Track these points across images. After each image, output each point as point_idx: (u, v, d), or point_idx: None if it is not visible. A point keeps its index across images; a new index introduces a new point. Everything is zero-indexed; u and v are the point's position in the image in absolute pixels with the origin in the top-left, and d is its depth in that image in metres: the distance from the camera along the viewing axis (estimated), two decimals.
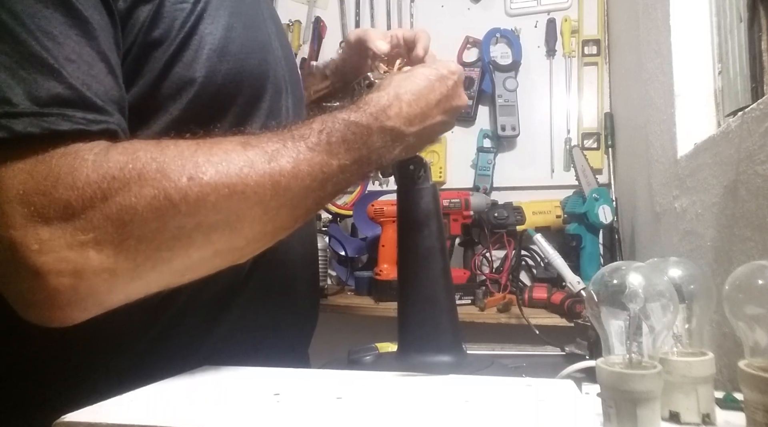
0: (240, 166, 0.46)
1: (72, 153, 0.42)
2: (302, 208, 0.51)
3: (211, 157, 0.45)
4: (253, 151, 0.47)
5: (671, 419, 0.39)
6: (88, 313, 0.44)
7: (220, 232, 0.46)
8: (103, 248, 0.42)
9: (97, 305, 0.44)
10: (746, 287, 0.36)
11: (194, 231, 0.44)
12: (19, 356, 0.54)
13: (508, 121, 1.67)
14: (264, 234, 0.49)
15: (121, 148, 0.44)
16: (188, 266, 0.46)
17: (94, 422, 0.38)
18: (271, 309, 0.66)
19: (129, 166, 0.43)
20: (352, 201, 1.79)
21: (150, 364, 0.55)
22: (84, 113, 0.44)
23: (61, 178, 0.41)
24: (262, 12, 0.69)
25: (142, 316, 0.55)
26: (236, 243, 0.48)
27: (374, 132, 0.53)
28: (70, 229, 0.41)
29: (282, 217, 0.49)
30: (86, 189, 0.41)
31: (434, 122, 0.59)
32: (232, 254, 0.49)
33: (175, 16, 0.53)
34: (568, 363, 0.58)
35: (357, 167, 0.53)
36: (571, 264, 1.21)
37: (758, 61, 0.71)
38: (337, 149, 0.51)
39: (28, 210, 0.40)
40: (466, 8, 1.79)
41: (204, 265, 0.48)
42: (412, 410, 0.40)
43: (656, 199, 1.02)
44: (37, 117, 0.41)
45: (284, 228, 0.52)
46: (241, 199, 0.45)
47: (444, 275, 0.61)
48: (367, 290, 1.48)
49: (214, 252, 0.47)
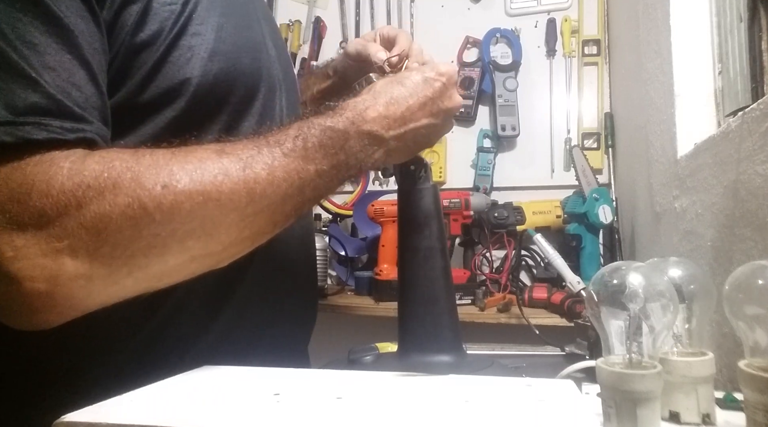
0: (214, 173, 0.46)
1: (47, 161, 0.42)
2: (281, 214, 0.51)
3: (186, 166, 0.46)
4: (228, 158, 0.48)
5: (671, 419, 0.39)
6: (64, 317, 0.45)
7: (196, 239, 0.46)
8: (78, 255, 0.42)
9: (73, 310, 0.44)
10: (746, 287, 0.36)
11: (169, 238, 0.45)
12: (19, 356, 0.54)
13: (508, 121, 1.67)
14: (241, 240, 0.50)
15: (98, 156, 0.45)
16: (164, 271, 0.47)
17: (94, 422, 0.38)
18: (268, 306, 0.66)
19: (104, 175, 0.43)
20: (352, 201, 1.79)
21: (147, 362, 0.55)
22: (61, 122, 0.44)
23: (36, 186, 0.41)
24: (255, 12, 0.69)
25: (137, 313, 0.55)
26: (212, 248, 0.48)
27: (351, 136, 0.53)
28: (45, 236, 0.41)
29: (259, 223, 0.49)
30: (61, 197, 0.42)
31: (418, 125, 0.58)
32: (209, 259, 0.49)
33: (164, 17, 0.53)
34: (568, 363, 0.58)
35: (336, 172, 0.53)
36: (571, 264, 1.21)
37: (758, 61, 0.71)
38: (313, 154, 0.51)
39: (3, 217, 0.41)
40: (466, 8, 1.79)
41: (181, 270, 0.48)
42: (412, 410, 0.40)
43: (656, 199, 1.02)
44: (13, 126, 0.42)
45: (263, 233, 0.52)
46: (216, 207, 0.46)
47: (444, 275, 0.61)
48: (367, 290, 1.48)
49: (191, 258, 0.47)
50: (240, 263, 0.62)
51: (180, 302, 0.57)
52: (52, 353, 0.54)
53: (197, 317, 0.59)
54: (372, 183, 1.75)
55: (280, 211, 0.50)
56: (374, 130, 0.55)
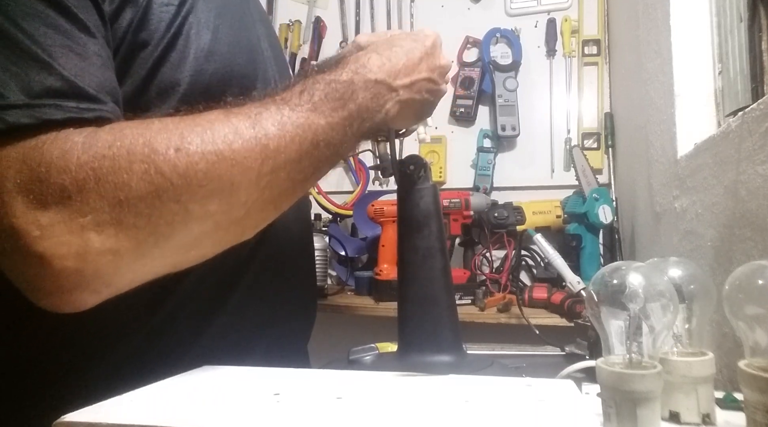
0: (225, 133, 0.46)
1: (62, 138, 0.43)
2: (299, 172, 0.50)
3: (195, 128, 0.46)
4: (236, 118, 0.48)
5: (671, 419, 0.39)
6: (99, 295, 0.44)
7: (217, 201, 0.45)
8: (103, 229, 0.42)
9: (106, 287, 0.44)
10: (746, 287, 0.36)
11: (190, 202, 0.44)
12: (19, 356, 0.54)
13: (508, 121, 1.67)
14: (263, 202, 0.49)
15: (108, 128, 0.45)
16: (190, 241, 0.46)
17: (94, 422, 0.38)
18: (267, 306, 0.66)
19: (117, 143, 0.43)
20: (352, 201, 1.80)
21: (147, 362, 0.55)
22: (77, 103, 0.44)
23: (54, 163, 0.42)
24: (251, 13, 0.69)
25: (136, 313, 0.55)
26: (235, 213, 0.47)
27: (358, 86, 0.53)
28: (69, 212, 0.41)
29: (279, 182, 0.49)
30: (79, 171, 0.42)
31: (421, 78, 0.59)
32: (234, 227, 0.49)
33: (161, 18, 0.54)
34: (568, 363, 0.58)
35: (348, 125, 0.52)
36: (571, 264, 1.21)
37: (758, 61, 0.71)
38: (322, 107, 0.50)
39: (27, 198, 0.41)
40: (466, 8, 1.79)
41: (208, 240, 0.48)
42: (412, 410, 0.40)
43: (656, 199, 1.02)
44: (30, 108, 0.42)
45: (283, 195, 0.51)
46: (231, 165, 0.45)
47: (444, 274, 0.61)
48: (367, 290, 1.48)
49: (215, 224, 0.47)
50: (239, 262, 0.62)
51: (180, 302, 0.57)
52: (51, 354, 0.54)
53: (197, 317, 0.59)
54: (372, 183, 1.75)
55: (297, 169, 0.50)
56: (380, 79, 0.55)
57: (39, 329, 0.54)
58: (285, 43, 1.93)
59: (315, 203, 1.81)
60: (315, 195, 1.83)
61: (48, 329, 0.54)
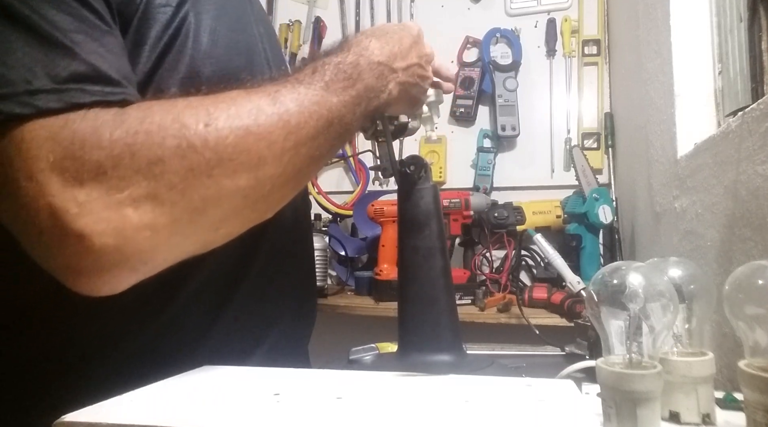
0: (248, 108, 0.47)
1: (92, 116, 0.43)
2: (316, 149, 0.51)
3: (219, 105, 0.47)
4: (257, 95, 0.49)
5: (671, 419, 0.39)
6: (136, 274, 0.44)
7: (246, 175, 0.46)
8: (140, 205, 0.42)
9: (143, 264, 0.44)
10: (746, 287, 0.36)
11: (221, 177, 0.45)
12: (19, 356, 0.54)
13: (508, 121, 1.67)
14: (285, 178, 0.50)
15: (136, 106, 0.45)
16: (221, 218, 0.47)
17: (94, 422, 0.38)
18: (268, 306, 0.66)
19: (148, 120, 0.44)
20: (352, 201, 1.80)
21: (148, 363, 0.55)
22: (102, 87, 0.45)
23: (87, 140, 0.42)
24: (250, 14, 0.69)
25: (139, 315, 0.55)
26: (261, 188, 0.48)
27: (363, 67, 0.55)
28: (105, 188, 0.41)
29: (299, 158, 0.50)
30: (113, 147, 0.42)
31: (413, 62, 0.62)
32: (260, 204, 0.50)
33: (158, 19, 0.54)
34: (568, 363, 0.58)
35: (357, 104, 0.54)
36: (571, 264, 1.21)
37: (758, 61, 0.71)
38: (333, 86, 0.52)
39: (63, 176, 0.41)
40: (466, 8, 1.79)
41: (236, 217, 0.48)
42: (412, 410, 0.40)
43: (656, 199, 1.02)
44: (58, 93, 0.42)
45: (303, 171, 0.52)
46: (257, 139, 0.46)
47: (444, 275, 0.61)
48: (367, 290, 1.48)
49: (243, 200, 0.47)
50: (240, 264, 0.62)
51: (182, 305, 0.57)
52: (52, 355, 0.54)
53: (199, 320, 0.59)
54: (372, 183, 1.75)
55: (315, 146, 0.51)
56: (383, 60, 0.58)
57: (40, 329, 0.54)
58: (285, 43, 1.93)
59: (315, 203, 1.81)
60: (315, 195, 1.83)
61: (48, 330, 0.54)
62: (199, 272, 0.57)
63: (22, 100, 0.41)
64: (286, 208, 0.68)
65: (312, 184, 1.86)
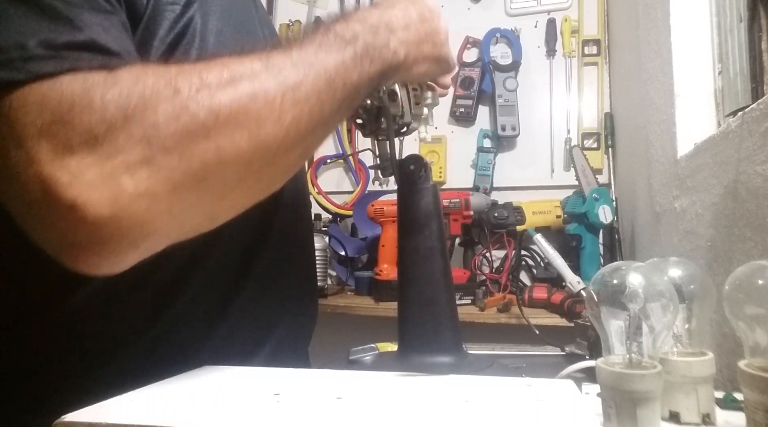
0: (241, 71, 0.45)
1: (80, 77, 0.41)
2: (319, 110, 0.49)
3: (212, 69, 0.45)
4: (248, 59, 0.47)
5: (671, 419, 0.39)
6: (137, 249, 0.42)
7: (245, 137, 0.44)
8: (135, 171, 0.40)
9: (144, 238, 0.42)
10: (746, 287, 0.36)
11: (219, 138, 0.43)
12: (19, 356, 0.54)
13: (508, 121, 1.67)
14: (290, 143, 0.47)
15: (126, 68, 0.43)
16: (224, 184, 0.45)
17: (94, 422, 0.38)
18: (269, 308, 0.66)
19: (141, 82, 0.41)
20: (352, 201, 1.80)
21: (150, 365, 0.55)
22: (102, 56, 0.43)
23: (77, 102, 0.39)
24: (254, 17, 0.69)
25: (140, 318, 0.55)
26: (264, 153, 0.46)
27: (358, 30, 0.53)
28: (97, 155, 0.39)
29: (302, 120, 0.47)
30: (105, 110, 0.40)
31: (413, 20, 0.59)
32: (264, 172, 0.47)
33: (165, 16, 0.53)
34: (568, 363, 0.58)
35: (360, 62, 0.52)
36: (571, 264, 1.21)
37: (758, 61, 0.71)
38: (327, 47, 0.50)
39: (52, 143, 0.39)
40: (466, 8, 1.79)
41: (240, 187, 0.46)
42: (412, 410, 0.40)
43: (656, 199, 1.02)
44: (53, 59, 0.40)
45: (309, 136, 0.49)
46: (253, 99, 0.45)
47: (444, 275, 0.61)
48: (367, 290, 1.48)
49: (246, 166, 0.45)
50: (241, 265, 0.62)
51: (183, 307, 0.57)
52: (53, 355, 0.54)
53: (200, 322, 0.59)
54: (372, 183, 1.75)
55: (318, 105, 0.48)
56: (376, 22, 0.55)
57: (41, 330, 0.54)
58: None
59: (315, 203, 1.81)
60: (315, 195, 1.83)
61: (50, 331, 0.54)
62: (200, 274, 0.57)
63: (15, 65, 0.39)
64: (286, 210, 0.68)
65: (312, 184, 1.86)
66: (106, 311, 0.52)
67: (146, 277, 0.53)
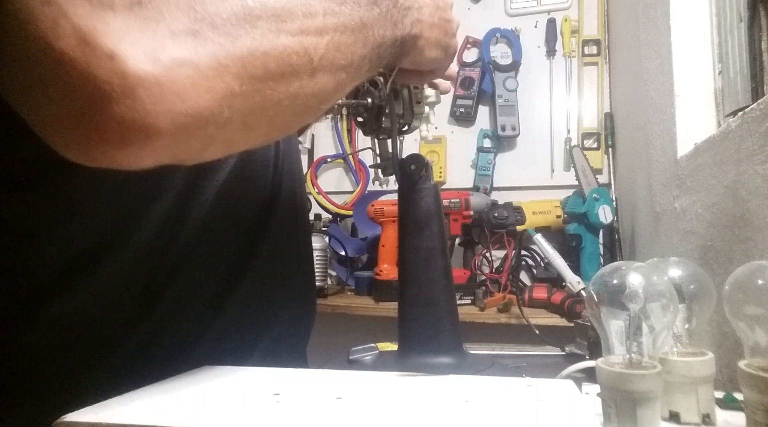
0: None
1: None
2: (353, 45, 0.47)
3: None
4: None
5: (671, 419, 0.39)
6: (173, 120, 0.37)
7: (291, 38, 0.42)
8: (180, 38, 0.37)
9: (181, 104, 0.37)
10: (746, 287, 0.36)
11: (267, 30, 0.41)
12: (19, 356, 0.54)
13: (508, 121, 1.67)
14: (328, 61, 0.45)
15: None
16: (270, 79, 0.41)
17: (94, 422, 0.38)
18: (266, 307, 0.66)
19: None
20: (352, 201, 1.80)
21: (146, 363, 0.55)
22: None
23: None
24: None
25: (134, 311, 0.55)
26: (305, 64, 0.43)
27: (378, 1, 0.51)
28: (141, 18, 0.36)
29: (341, 45, 0.46)
30: None
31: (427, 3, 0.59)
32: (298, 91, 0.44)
33: None
34: (568, 363, 0.58)
35: (384, 22, 0.51)
36: (571, 264, 1.21)
37: (758, 61, 0.71)
38: (352, 4, 0.48)
39: (90, 2, 0.35)
40: (466, 8, 1.79)
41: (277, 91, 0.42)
42: (412, 410, 0.40)
43: (656, 200, 1.02)
44: None
45: (342, 72, 0.47)
46: (301, 3, 0.43)
47: (445, 275, 0.61)
48: (367, 290, 1.48)
49: (291, 67, 0.42)
50: (238, 264, 0.62)
51: (177, 304, 0.57)
52: (53, 355, 0.54)
53: (195, 321, 0.59)
54: (372, 183, 1.75)
55: (352, 41, 0.47)
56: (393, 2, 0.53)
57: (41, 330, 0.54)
58: None
59: (315, 203, 1.81)
60: (315, 195, 1.83)
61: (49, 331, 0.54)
62: (192, 273, 0.57)
63: None
64: (284, 209, 0.68)
65: (312, 184, 1.86)
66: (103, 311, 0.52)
67: (137, 272, 0.53)
